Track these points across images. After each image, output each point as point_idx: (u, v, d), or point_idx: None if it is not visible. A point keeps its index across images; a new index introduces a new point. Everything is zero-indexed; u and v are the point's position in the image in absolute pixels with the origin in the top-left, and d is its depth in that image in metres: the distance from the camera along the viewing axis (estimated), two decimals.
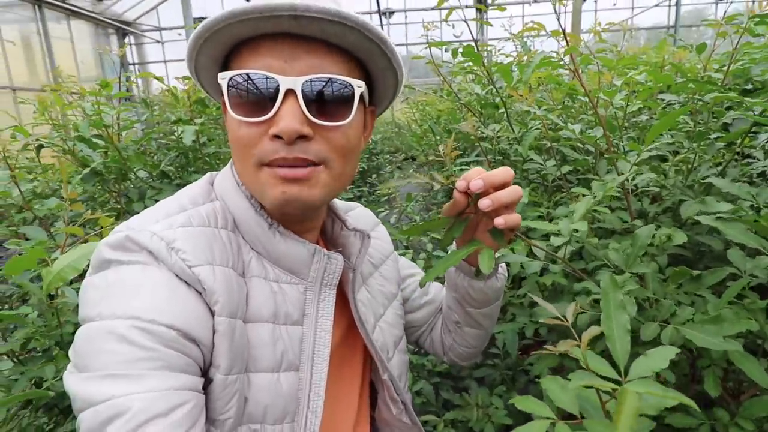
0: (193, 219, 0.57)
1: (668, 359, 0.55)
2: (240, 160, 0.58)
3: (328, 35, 0.53)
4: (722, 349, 0.69)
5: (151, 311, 0.48)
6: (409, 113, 5.15)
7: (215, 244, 0.56)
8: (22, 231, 1.21)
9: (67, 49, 9.42)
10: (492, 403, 1.29)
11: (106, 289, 0.50)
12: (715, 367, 0.80)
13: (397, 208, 2.04)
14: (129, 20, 11.05)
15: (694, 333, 0.73)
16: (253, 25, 0.51)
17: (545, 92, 1.78)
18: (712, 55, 1.53)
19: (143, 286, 0.50)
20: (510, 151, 1.57)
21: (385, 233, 0.88)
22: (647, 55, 2.19)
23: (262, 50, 0.53)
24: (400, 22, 11.26)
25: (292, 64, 0.53)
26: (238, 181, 0.62)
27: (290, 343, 0.61)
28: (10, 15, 8.17)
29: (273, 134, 0.53)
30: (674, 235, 0.94)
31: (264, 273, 0.61)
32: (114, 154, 1.40)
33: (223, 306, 0.53)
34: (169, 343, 0.48)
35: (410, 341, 0.92)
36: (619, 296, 0.63)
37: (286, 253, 0.61)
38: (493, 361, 1.51)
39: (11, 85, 7.88)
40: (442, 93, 1.95)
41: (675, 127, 1.38)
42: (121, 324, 0.47)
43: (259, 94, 0.53)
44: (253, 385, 0.57)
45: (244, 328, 0.57)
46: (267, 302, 0.59)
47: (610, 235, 1.20)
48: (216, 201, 0.62)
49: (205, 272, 0.52)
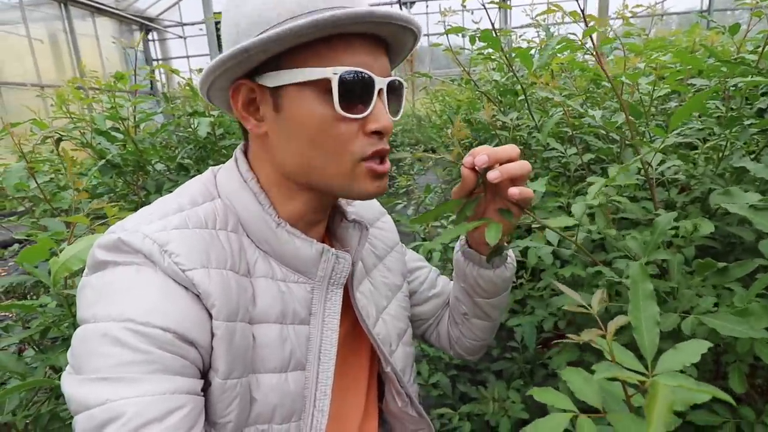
0: (189, 220, 0.56)
1: (699, 354, 0.52)
2: (328, 155, 0.56)
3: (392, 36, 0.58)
4: (748, 336, 0.64)
5: (146, 313, 0.47)
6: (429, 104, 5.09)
7: (212, 246, 0.55)
8: (42, 223, 1.24)
9: (92, 46, 9.64)
10: (509, 397, 1.26)
11: (101, 290, 0.50)
12: (740, 363, 0.76)
13: (415, 200, 2.01)
14: (152, 16, 11.24)
15: (717, 322, 0.69)
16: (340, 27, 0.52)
17: (568, 79, 1.72)
18: (746, 37, 1.45)
19: (138, 288, 0.49)
20: (530, 140, 1.53)
21: (391, 223, 0.86)
22: (677, 38, 2.10)
23: (356, 47, 0.55)
24: (422, 11, 11.13)
25: (376, 64, 0.56)
26: (245, 177, 0.61)
27: (297, 342, 0.61)
28: (38, 13, 8.40)
29: (373, 130, 0.56)
30: (701, 225, 0.89)
31: (271, 272, 0.60)
32: (131, 146, 1.42)
33: (219, 310, 0.52)
34: (164, 345, 0.47)
35: (416, 335, 0.91)
36: (648, 286, 0.59)
37: (294, 252, 0.61)
38: (512, 354, 1.49)
39: (39, 82, 8.11)
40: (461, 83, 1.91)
41: (705, 113, 1.31)
42: (115, 326, 0.47)
43: (363, 91, 0.55)
44: (261, 386, 0.57)
45: (246, 329, 0.56)
46: (275, 302, 0.59)
47: (635, 227, 1.16)
48: (217, 199, 0.61)
49: (200, 276, 0.51)
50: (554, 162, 1.54)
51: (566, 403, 0.53)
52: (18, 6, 7.85)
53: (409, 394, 0.76)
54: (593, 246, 1.20)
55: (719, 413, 0.82)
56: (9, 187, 0.95)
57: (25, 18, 7.95)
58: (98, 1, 9.50)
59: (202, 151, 1.79)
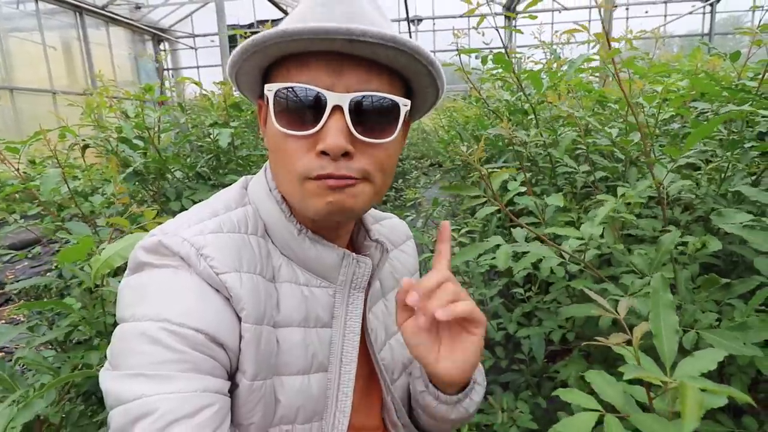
0: (224, 225, 0.58)
1: (716, 361, 0.56)
2: (282, 171, 0.58)
3: (379, 57, 0.53)
4: (742, 353, 0.68)
5: (181, 315, 0.50)
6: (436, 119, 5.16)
7: (244, 250, 0.57)
8: (67, 226, 1.28)
9: (104, 54, 9.80)
10: (517, 407, 1.29)
11: (140, 291, 0.53)
12: (742, 374, 0.80)
13: (423, 212, 2.06)
14: (164, 27, 11.44)
15: (715, 338, 0.73)
16: (304, 43, 0.51)
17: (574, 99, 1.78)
18: (747, 63, 1.51)
19: (174, 290, 0.52)
20: (539, 157, 1.58)
21: (414, 249, 0.85)
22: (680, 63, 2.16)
23: (311, 65, 0.53)
24: (428, 29, 11.31)
25: (340, 80, 0.53)
26: (270, 186, 0.63)
27: (320, 345, 0.62)
28: (53, 22, 8.56)
29: (320, 150, 0.53)
30: (709, 242, 0.93)
31: (295, 277, 0.62)
32: (154, 155, 1.47)
33: (249, 313, 0.54)
34: (197, 346, 0.50)
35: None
36: (668, 296, 0.63)
37: (316, 258, 0.62)
38: (519, 367, 1.51)
39: (52, 89, 8.24)
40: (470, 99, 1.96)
41: (708, 136, 1.36)
42: (152, 326, 0.49)
43: (306, 108, 0.53)
44: (286, 389, 0.58)
45: (272, 333, 0.58)
46: (299, 307, 0.61)
47: (639, 243, 1.20)
48: (249, 205, 0.63)
49: (232, 279, 0.54)
50: (561, 179, 1.59)
51: (592, 403, 0.56)
52: (34, 14, 8.02)
53: (405, 424, 0.72)
54: (600, 261, 1.24)
55: (723, 423, 0.85)
56: (44, 191, 0.99)
57: (41, 26, 8.11)
58: (113, 12, 9.68)
59: (217, 159, 1.85)
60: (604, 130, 1.01)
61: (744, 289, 0.86)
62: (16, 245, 4.46)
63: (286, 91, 0.54)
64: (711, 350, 0.53)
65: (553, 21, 10.41)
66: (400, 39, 0.51)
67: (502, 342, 1.58)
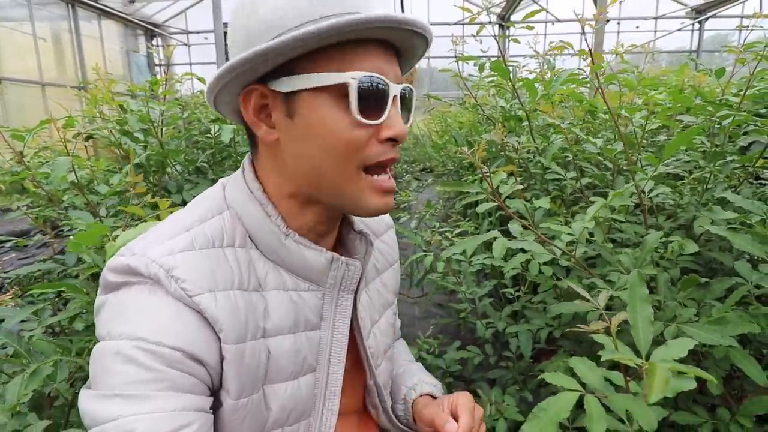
0: (196, 241, 0.55)
1: (686, 349, 0.61)
2: (339, 163, 0.55)
3: (407, 44, 0.57)
4: (719, 343, 0.74)
5: (157, 333, 0.49)
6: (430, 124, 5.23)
7: (219, 267, 0.55)
8: (70, 214, 1.30)
9: (96, 48, 9.71)
10: (504, 400, 1.34)
11: (116, 308, 0.52)
12: (717, 367, 0.86)
13: (417, 214, 2.11)
14: (158, 22, 11.37)
15: (694, 330, 0.79)
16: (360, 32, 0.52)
17: (567, 108, 1.85)
18: (732, 80, 1.59)
19: (150, 308, 0.50)
20: (530, 164, 1.64)
21: (395, 239, 0.87)
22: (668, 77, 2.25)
23: (373, 53, 0.54)
24: None
25: (391, 70, 0.56)
26: (251, 188, 0.60)
27: (309, 347, 0.62)
28: (44, 12, 8.47)
29: (387, 137, 0.55)
30: (686, 245, 0.99)
31: (282, 283, 0.61)
32: (157, 148, 1.50)
33: (227, 333, 0.53)
34: (173, 364, 0.49)
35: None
36: (644, 291, 0.69)
37: (304, 262, 0.61)
38: (506, 364, 1.57)
39: (41, 80, 8.14)
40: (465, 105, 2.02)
41: (692, 147, 1.44)
42: (128, 344, 0.48)
43: (378, 97, 0.54)
44: (278, 396, 0.59)
45: (258, 345, 0.57)
46: (288, 313, 0.60)
47: (624, 247, 1.26)
48: (226, 212, 0.60)
49: (207, 301, 0.52)
50: (552, 185, 1.65)
51: (574, 385, 0.61)
52: (25, 4, 7.93)
53: (385, 407, 0.77)
54: (588, 263, 1.30)
55: (699, 414, 0.91)
56: (54, 179, 1.02)
57: (32, 16, 8.01)
58: (106, 5, 9.61)
59: (216, 155, 1.88)
60: (589, 139, 1.07)
61: (721, 288, 0.92)
62: (24, 232, 4.39)
63: (369, 79, 0.53)
64: (683, 339, 0.58)
65: (546, 32, 10.60)
66: (429, 30, 0.56)
67: (490, 340, 1.63)
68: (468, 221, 1.70)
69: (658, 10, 10.72)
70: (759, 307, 0.84)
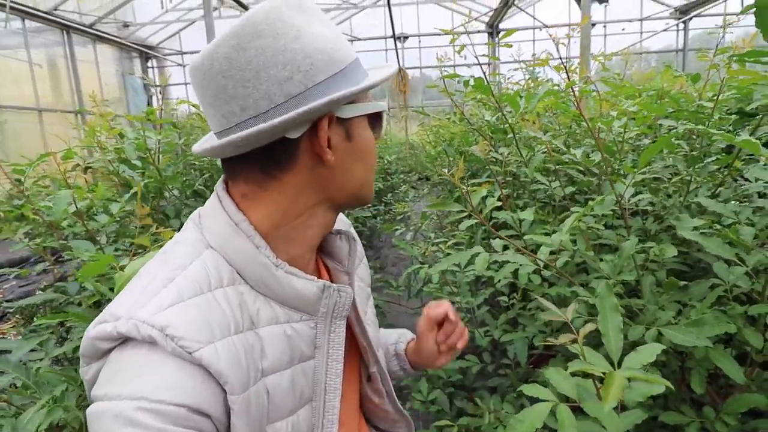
0: (183, 291, 0.52)
1: (654, 354, 0.65)
2: (370, 170, 0.66)
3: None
4: (695, 345, 0.78)
5: (159, 390, 0.47)
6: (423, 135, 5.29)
7: (213, 314, 0.53)
8: (71, 244, 1.34)
9: (92, 72, 9.82)
10: (503, 408, 1.37)
11: (113, 367, 0.49)
12: (699, 367, 0.89)
13: (413, 226, 2.15)
14: (152, 44, 11.51)
15: (673, 333, 0.83)
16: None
17: (552, 117, 1.90)
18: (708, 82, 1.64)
19: (149, 366, 0.48)
20: (519, 172, 1.68)
21: (356, 236, 0.91)
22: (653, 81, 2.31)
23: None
24: (414, 46, 11.57)
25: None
26: (235, 220, 0.58)
27: (305, 379, 0.61)
28: (40, 39, 8.57)
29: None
30: (666, 250, 1.03)
31: (275, 317, 0.59)
32: (155, 173, 1.54)
33: (233, 385, 0.51)
34: (178, 420, 0.47)
35: None
36: (613, 300, 0.73)
37: (295, 293, 0.60)
38: (505, 371, 1.60)
39: (38, 106, 8.22)
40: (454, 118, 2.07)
41: (673, 151, 1.48)
42: (129, 405, 0.45)
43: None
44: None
45: (259, 387, 0.55)
46: (284, 349, 0.59)
47: (614, 252, 1.30)
48: (205, 252, 0.57)
49: (208, 355, 0.49)
50: (541, 193, 1.69)
51: (549, 396, 0.65)
52: (21, 32, 8.04)
53: (388, 390, 0.80)
54: (578, 269, 1.33)
55: (686, 413, 0.94)
56: (56, 212, 1.06)
57: (27, 43, 8.12)
58: (100, 30, 9.74)
59: (215, 176, 1.92)
60: (569, 150, 1.12)
61: (699, 290, 0.96)
62: (3, 264, 4.45)
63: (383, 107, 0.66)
64: (651, 345, 0.61)
65: (534, 38, 10.72)
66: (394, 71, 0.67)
67: (488, 348, 1.66)
68: (461, 231, 1.74)
69: (643, 12, 10.85)
70: (735, 307, 0.88)
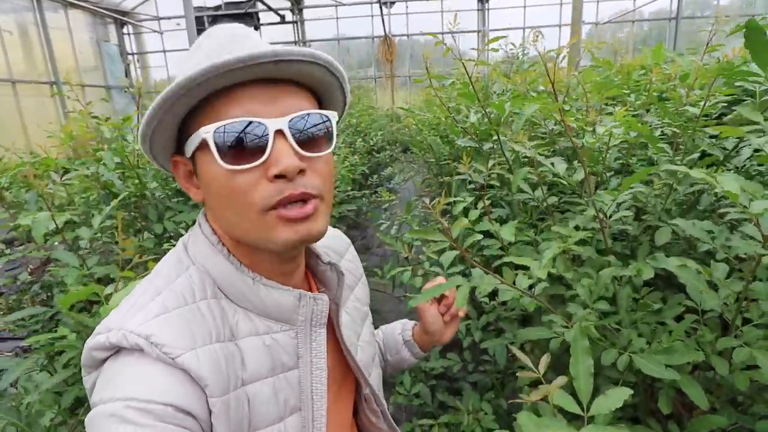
0: (168, 303, 0.57)
1: (623, 399, 0.68)
2: (234, 213, 0.58)
3: (302, 74, 0.58)
4: (664, 377, 0.82)
5: (147, 392, 0.51)
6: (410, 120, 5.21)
7: (195, 324, 0.57)
8: (54, 256, 1.33)
9: (65, 39, 9.41)
10: (482, 409, 1.43)
11: (107, 375, 0.54)
12: (668, 388, 0.94)
13: (398, 219, 2.16)
14: (126, 9, 11.00)
15: (643, 362, 0.87)
16: (232, 75, 0.53)
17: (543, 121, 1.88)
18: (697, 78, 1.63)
19: (138, 372, 0.53)
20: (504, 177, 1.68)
21: (356, 256, 0.91)
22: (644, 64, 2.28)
23: (241, 97, 0.55)
24: (401, 12, 11.23)
25: (273, 106, 0.56)
26: (212, 241, 0.63)
27: (290, 389, 0.63)
28: (7, 4, 8.15)
29: (274, 175, 0.54)
30: (643, 270, 1.06)
31: (254, 329, 0.62)
32: (134, 177, 1.52)
33: (212, 388, 0.55)
34: (166, 418, 0.50)
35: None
36: (585, 343, 0.76)
37: (273, 304, 0.63)
38: (485, 368, 1.65)
39: (11, 77, 7.90)
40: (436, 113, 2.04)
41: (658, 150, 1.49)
42: (120, 405, 0.50)
43: (249, 140, 0.54)
44: None
45: (240, 394, 0.58)
46: (263, 359, 0.61)
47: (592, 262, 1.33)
48: (191, 268, 0.62)
49: (189, 360, 0.53)
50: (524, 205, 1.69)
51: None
52: None
53: (383, 410, 0.82)
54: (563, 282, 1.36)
55: (653, 427, 0.99)
56: (38, 236, 1.04)
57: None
58: None
59: None
60: (552, 168, 1.12)
61: (671, 314, 0.99)
62: None
63: (225, 128, 0.54)
64: (618, 389, 0.64)
65: (526, 5, 10.47)
66: (318, 54, 0.56)
67: (469, 346, 1.71)
68: None
69: None
70: (705, 334, 0.92)
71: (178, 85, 0.52)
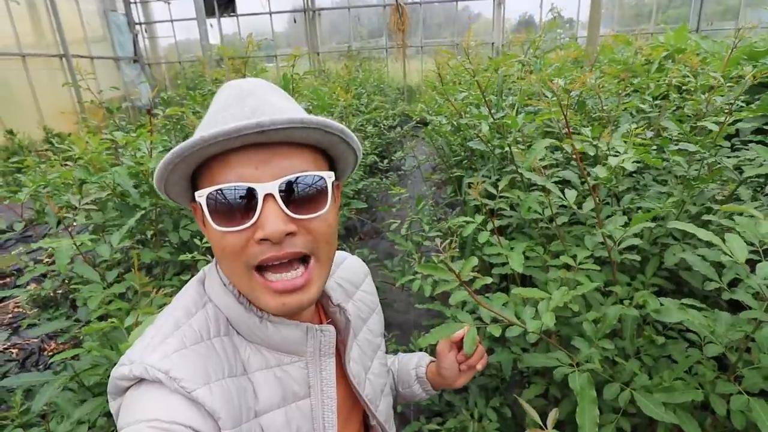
0: (186, 338, 0.61)
1: None
2: (229, 267, 0.61)
3: (294, 137, 0.58)
4: (663, 420, 0.85)
5: (170, 415, 0.55)
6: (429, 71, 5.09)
7: (209, 360, 0.60)
8: (76, 270, 1.38)
9: (72, 9, 9.28)
10: (486, 415, 1.49)
11: (131, 402, 0.58)
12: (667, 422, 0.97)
13: (408, 218, 2.18)
14: None
15: (644, 401, 0.90)
16: (221, 144, 0.54)
17: None
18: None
19: (160, 399, 0.56)
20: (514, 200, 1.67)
21: (372, 285, 0.93)
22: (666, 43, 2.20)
23: (232, 162, 0.56)
24: None
25: (264, 170, 0.56)
26: (224, 281, 0.66)
27: (302, 418, 0.66)
28: None
29: (260, 238, 0.56)
30: (648, 303, 1.07)
31: (265, 363, 0.66)
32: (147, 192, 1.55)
33: (225, 421, 0.58)
34: None
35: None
36: (592, 393, 0.79)
37: (282, 339, 0.66)
38: (491, 372, 1.71)
39: (20, 51, 7.86)
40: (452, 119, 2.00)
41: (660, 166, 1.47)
42: (145, 426, 0.53)
43: (239, 204, 0.56)
44: None
45: (254, 424, 0.61)
46: (275, 390, 0.65)
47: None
48: (209, 304, 0.66)
49: (203, 394, 0.57)
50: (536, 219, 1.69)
51: None
52: None
53: None
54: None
55: None
56: (61, 266, 1.09)
57: None
58: None
59: None
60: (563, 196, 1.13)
61: (675, 351, 1.02)
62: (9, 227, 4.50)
63: (216, 194, 0.57)
64: None
65: None
66: (308, 119, 0.56)
67: None
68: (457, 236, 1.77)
69: None
70: (706, 373, 0.94)
71: (173, 154, 0.54)
